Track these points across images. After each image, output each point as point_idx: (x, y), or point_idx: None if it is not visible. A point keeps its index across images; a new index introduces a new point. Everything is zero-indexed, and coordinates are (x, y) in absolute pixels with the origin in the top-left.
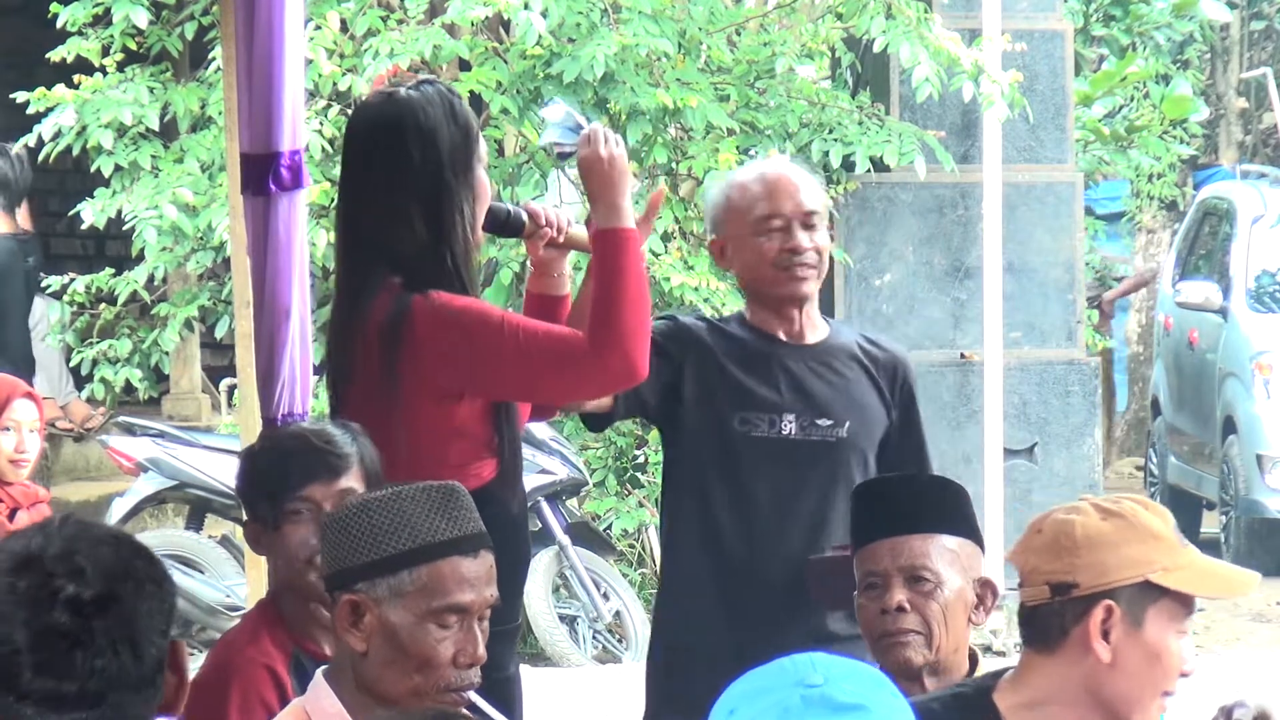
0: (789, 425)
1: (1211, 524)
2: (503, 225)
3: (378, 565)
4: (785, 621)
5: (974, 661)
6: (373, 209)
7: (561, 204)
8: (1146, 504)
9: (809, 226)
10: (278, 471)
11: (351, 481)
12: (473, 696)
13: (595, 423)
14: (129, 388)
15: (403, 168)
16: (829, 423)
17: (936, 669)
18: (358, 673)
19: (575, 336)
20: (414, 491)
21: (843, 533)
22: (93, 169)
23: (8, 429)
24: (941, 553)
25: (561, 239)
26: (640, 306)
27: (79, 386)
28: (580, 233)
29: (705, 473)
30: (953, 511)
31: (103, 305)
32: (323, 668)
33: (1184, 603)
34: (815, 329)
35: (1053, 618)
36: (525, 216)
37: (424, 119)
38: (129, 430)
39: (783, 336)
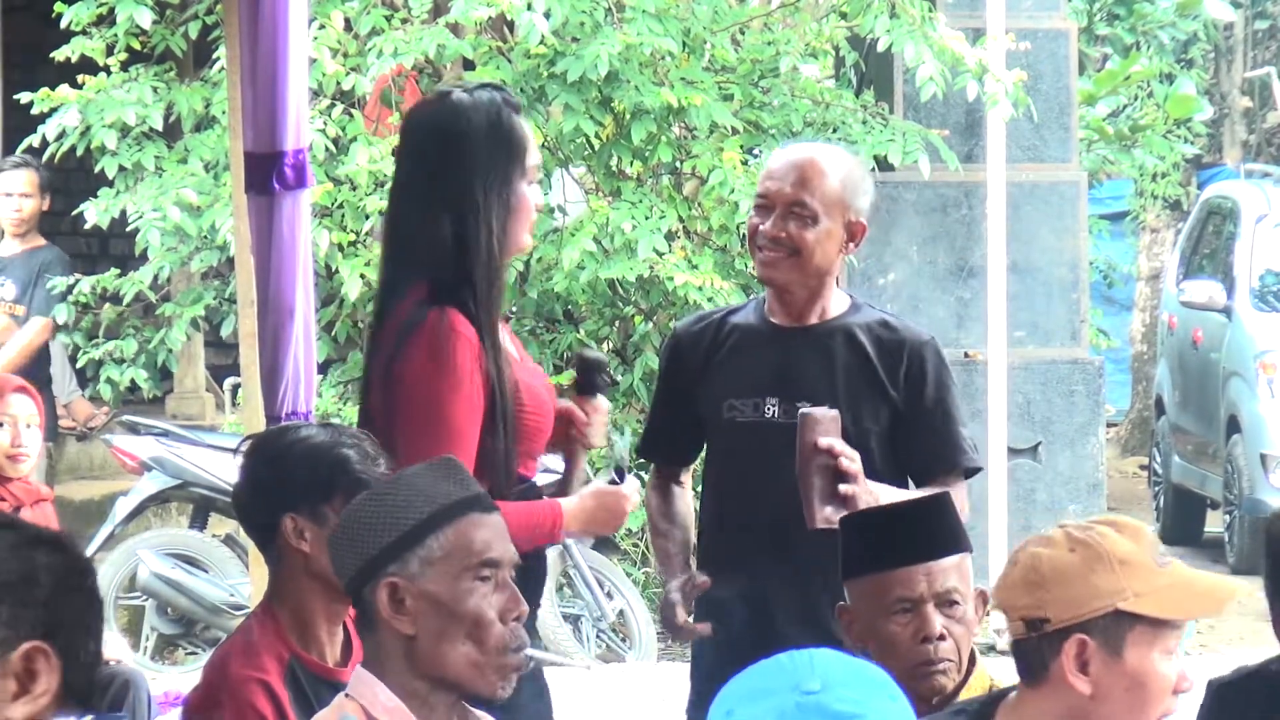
0: (771, 408)
1: (1215, 523)
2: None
3: (403, 540)
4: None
5: (973, 661)
6: (409, 212)
7: (566, 201)
8: (1121, 526)
9: (790, 215)
10: None
11: None
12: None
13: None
14: (133, 387)
15: (435, 173)
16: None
17: (958, 688)
18: (412, 658)
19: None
20: (415, 468)
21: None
22: (96, 169)
23: (2, 424)
24: (964, 573)
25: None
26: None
27: (82, 385)
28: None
29: (710, 461)
30: (957, 525)
31: (107, 305)
32: (360, 663)
33: (1165, 624)
34: (819, 311)
35: (1033, 653)
36: (606, 384)
37: (464, 125)
38: (133, 429)
39: (779, 320)
